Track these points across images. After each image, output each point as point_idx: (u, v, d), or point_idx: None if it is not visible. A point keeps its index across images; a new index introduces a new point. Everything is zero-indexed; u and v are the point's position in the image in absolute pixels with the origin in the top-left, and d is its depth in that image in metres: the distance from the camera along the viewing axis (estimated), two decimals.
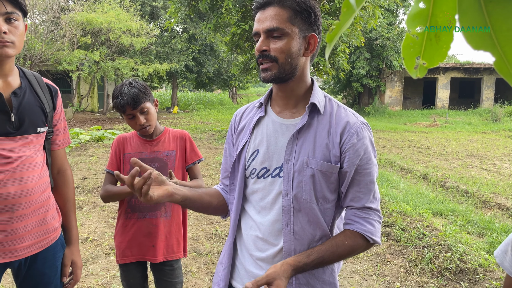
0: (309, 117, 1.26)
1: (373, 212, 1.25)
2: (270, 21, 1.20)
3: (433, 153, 9.97)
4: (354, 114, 1.29)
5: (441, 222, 4.71)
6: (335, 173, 1.23)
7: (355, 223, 1.24)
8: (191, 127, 14.89)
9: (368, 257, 3.78)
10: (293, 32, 1.20)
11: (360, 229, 1.23)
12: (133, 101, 1.89)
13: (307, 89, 1.31)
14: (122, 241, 2.03)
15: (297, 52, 1.22)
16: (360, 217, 1.24)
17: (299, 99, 1.30)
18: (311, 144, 1.24)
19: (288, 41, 1.20)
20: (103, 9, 16.52)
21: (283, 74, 1.22)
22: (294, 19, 1.20)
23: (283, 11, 1.20)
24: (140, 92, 1.92)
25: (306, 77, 1.30)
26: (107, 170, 2.05)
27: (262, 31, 1.22)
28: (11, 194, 1.44)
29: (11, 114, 1.44)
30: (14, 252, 1.49)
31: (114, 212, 5.01)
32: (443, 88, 23.15)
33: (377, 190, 1.27)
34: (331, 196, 1.25)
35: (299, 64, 1.24)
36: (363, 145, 1.22)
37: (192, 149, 2.11)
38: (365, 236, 1.23)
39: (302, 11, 1.21)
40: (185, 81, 28.53)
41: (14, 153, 1.45)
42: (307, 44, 1.24)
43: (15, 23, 1.41)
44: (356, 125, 1.24)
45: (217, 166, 7.98)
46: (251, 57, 11.75)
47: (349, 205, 1.26)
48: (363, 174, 1.23)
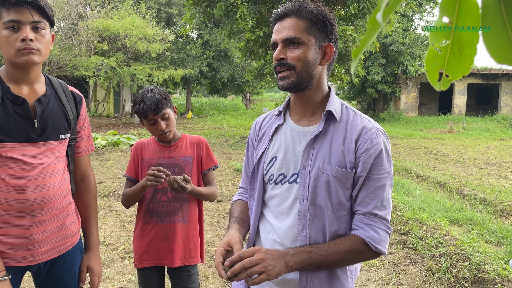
0: (325, 124, 1.29)
1: (380, 220, 1.23)
2: (288, 31, 1.25)
3: (450, 160, 9.83)
4: (371, 121, 1.30)
5: (458, 231, 4.63)
6: (350, 179, 1.24)
7: (360, 228, 1.23)
8: (205, 132, 14.97)
9: (383, 265, 3.74)
10: (309, 41, 1.24)
11: (363, 235, 1.22)
12: (155, 106, 1.92)
13: (324, 97, 1.34)
14: (140, 246, 2.05)
15: (314, 60, 1.26)
16: (365, 223, 1.23)
17: (316, 107, 1.33)
18: (327, 151, 1.26)
19: (305, 49, 1.24)
20: (120, 16, 16.82)
21: (300, 82, 1.26)
22: (310, 29, 1.25)
23: (300, 21, 1.25)
24: (162, 98, 1.95)
25: (323, 86, 1.33)
26: (126, 176, 2.09)
27: (279, 40, 1.26)
28: (32, 201, 1.47)
29: (35, 120, 1.48)
30: (33, 256, 1.52)
31: (130, 216, 5.07)
32: (460, 94, 22.84)
33: (387, 198, 1.26)
34: (347, 203, 1.26)
35: (316, 72, 1.28)
36: (377, 150, 1.23)
37: (208, 155, 2.13)
38: (368, 244, 1.22)
39: (319, 21, 1.25)
40: (199, 86, 28.74)
41: (36, 160, 1.48)
42: (323, 53, 1.28)
43: (41, 32, 1.46)
44: (371, 131, 1.25)
45: (230, 171, 8.01)
46: (265, 62, 11.79)
47: (356, 210, 1.26)
48: (373, 179, 1.23)
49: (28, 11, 1.41)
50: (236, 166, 8.17)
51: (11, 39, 1.40)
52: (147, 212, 2.04)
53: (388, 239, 1.25)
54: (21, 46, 1.40)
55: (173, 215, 2.03)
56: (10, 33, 1.40)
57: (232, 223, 1.42)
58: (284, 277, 1.30)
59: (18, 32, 1.40)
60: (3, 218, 1.44)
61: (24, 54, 1.41)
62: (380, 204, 1.23)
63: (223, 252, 1.26)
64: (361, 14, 10.05)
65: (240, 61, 18.57)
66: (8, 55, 1.43)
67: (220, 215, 5.24)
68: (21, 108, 1.46)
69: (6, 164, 1.43)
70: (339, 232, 1.27)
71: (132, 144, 11.17)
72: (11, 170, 1.44)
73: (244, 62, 21.66)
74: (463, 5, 0.45)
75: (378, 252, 1.24)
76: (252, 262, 1.14)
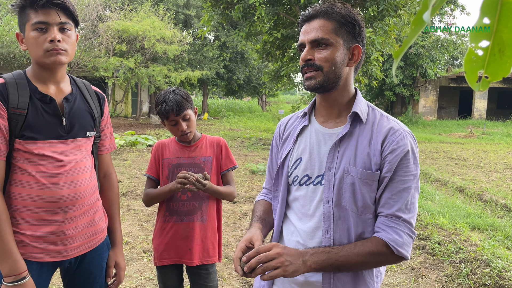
0: (351, 126, 1.28)
1: (403, 223, 1.20)
2: (315, 32, 1.25)
3: (470, 165, 9.64)
4: (398, 122, 1.29)
5: (479, 237, 4.54)
6: (376, 180, 1.22)
7: (382, 230, 1.21)
8: (221, 133, 15.04)
9: (402, 270, 3.69)
10: (337, 42, 1.24)
11: (386, 237, 1.19)
12: (177, 108, 1.95)
13: (350, 99, 1.33)
14: (160, 244, 2.08)
15: (341, 62, 1.25)
16: (388, 225, 1.21)
17: (342, 108, 1.33)
18: (352, 153, 1.25)
19: (333, 51, 1.24)
20: (139, 17, 17.03)
21: (327, 83, 1.26)
22: (338, 31, 1.25)
23: (328, 22, 1.25)
24: (183, 99, 1.98)
25: (349, 87, 1.32)
26: (147, 175, 2.12)
27: (307, 41, 1.27)
28: (65, 197, 1.51)
29: (63, 118, 1.52)
30: (65, 252, 1.55)
31: (148, 215, 5.13)
32: (480, 98, 22.40)
33: (412, 201, 1.22)
34: (372, 205, 1.25)
35: (343, 73, 1.27)
36: (403, 151, 1.21)
37: (227, 155, 2.15)
38: (390, 246, 1.19)
39: (347, 23, 1.25)
40: (216, 88, 28.91)
41: (66, 156, 1.52)
42: (351, 54, 1.28)
43: (68, 33, 1.49)
44: (398, 132, 1.24)
45: (247, 173, 8.03)
46: (282, 64, 11.79)
47: (379, 212, 1.23)
48: (397, 181, 1.21)
49: (55, 13, 1.44)
50: (252, 168, 8.18)
51: (39, 40, 1.44)
52: (167, 210, 2.07)
53: (411, 244, 1.22)
54: (49, 47, 1.44)
55: (192, 214, 2.05)
56: (38, 34, 1.44)
57: (255, 222, 1.42)
58: (307, 279, 1.30)
59: (46, 33, 1.44)
60: (37, 215, 1.48)
61: (52, 54, 1.45)
62: (404, 207, 1.21)
63: (244, 248, 1.25)
64: (380, 16, 9.96)
65: (257, 63, 18.61)
66: (36, 56, 1.46)
67: (236, 216, 5.26)
68: (50, 106, 1.50)
69: (38, 161, 1.47)
70: (365, 235, 1.25)
71: (149, 145, 11.30)
72: (43, 167, 1.47)
73: (260, 64, 21.70)
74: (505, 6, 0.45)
75: (401, 256, 1.20)
76: (268, 256, 1.13)
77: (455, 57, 31.50)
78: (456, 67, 31.18)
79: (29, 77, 1.52)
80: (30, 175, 1.46)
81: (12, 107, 1.43)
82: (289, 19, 10.87)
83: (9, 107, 1.42)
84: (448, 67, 23.25)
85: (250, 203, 5.90)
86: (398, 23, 10.56)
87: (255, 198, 6.18)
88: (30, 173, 1.46)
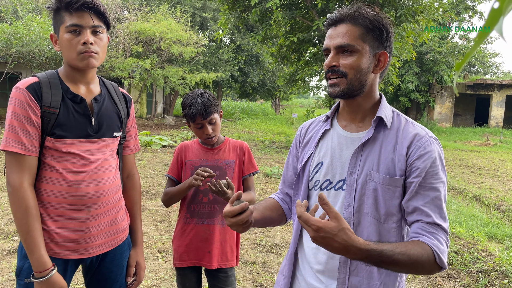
0: (375, 131, 1.25)
1: (442, 231, 1.14)
2: (341, 38, 1.22)
3: (486, 173, 9.48)
4: (424, 129, 1.25)
5: (496, 247, 4.46)
6: (399, 187, 1.19)
7: (422, 236, 1.13)
8: (234, 136, 15.07)
9: (417, 279, 3.65)
10: (363, 49, 1.21)
11: (429, 241, 1.11)
12: (205, 111, 1.96)
13: (374, 104, 1.30)
14: (180, 245, 2.09)
15: (367, 69, 1.23)
16: (428, 231, 1.14)
17: (366, 113, 1.30)
18: (375, 158, 1.22)
19: (358, 57, 1.21)
20: (156, 19, 17.21)
21: (351, 90, 1.23)
22: (365, 37, 1.21)
23: (355, 28, 1.21)
24: (210, 103, 1.99)
25: (374, 93, 1.30)
26: (168, 176, 2.13)
27: (332, 47, 1.24)
28: (89, 194, 1.53)
29: (92, 118, 1.55)
30: (88, 249, 1.58)
31: (162, 215, 5.16)
32: (497, 105, 22.03)
33: (445, 210, 1.19)
34: (397, 214, 1.21)
35: (368, 80, 1.25)
36: (430, 158, 1.17)
37: (250, 160, 2.15)
38: (432, 251, 1.10)
39: (374, 28, 1.22)
40: (230, 90, 29.00)
41: (93, 155, 1.55)
42: (377, 61, 1.25)
43: (100, 35, 1.52)
44: (424, 138, 1.21)
45: (260, 176, 8.02)
46: (297, 68, 11.77)
47: (416, 220, 1.17)
48: (429, 189, 1.16)
49: (89, 16, 1.47)
50: (266, 171, 8.18)
51: (73, 43, 1.47)
52: (188, 212, 2.08)
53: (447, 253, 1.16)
54: (82, 49, 1.47)
55: (213, 217, 2.06)
56: (72, 36, 1.47)
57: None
58: (326, 265, 1.29)
59: (80, 36, 1.47)
60: (61, 211, 1.51)
61: (84, 58, 1.48)
62: (439, 215, 1.16)
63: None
64: (397, 21, 9.88)
65: (272, 67, 18.61)
66: (70, 58, 1.50)
67: None
68: (80, 106, 1.53)
69: (66, 159, 1.50)
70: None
71: (164, 145, 11.38)
72: (70, 164, 1.50)
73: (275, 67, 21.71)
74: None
75: (439, 265, 1.11)
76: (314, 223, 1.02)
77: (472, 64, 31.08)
78: (473, 74, 30.76)
79: (61, 77, 1.55)
80: (57, 172, 1.49)
81: (45, 105, 1.46)
82: (306, 23, 10.86)
83: (42, 106, 1.46)
84: (465, 74, 22.92)
85: None
86: (416, 28, 10.46)
87: None
88: (57, 170, 1.49)
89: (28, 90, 1.44)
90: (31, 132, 1.44)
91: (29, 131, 1.43)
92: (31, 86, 1.46)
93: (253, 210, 1.27)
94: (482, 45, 22.43)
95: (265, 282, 3.45)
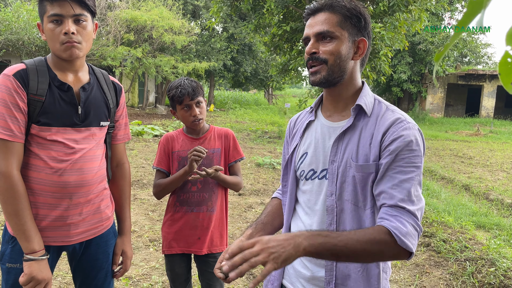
0: (355, 119, 1.26)
1: (407, 213, 1.11)
2: (320, 25, 1.24)
3: (476, 163, 9.60)
4: (403, 115, 1.24)
5: (484, 236, 4.54)
6: (373, 172, 1.19)
7: (384, 220, 1.12)
8: (227, 125, 15.05)
9: (406, 267, 3.71)
10: (342, 35, 1.23)
11: (388, 224, 1.10)
12: (192, 91, 1.99)
13: (356, 92, 1.31)
14: (169, 233, 2.11)
15: (346, 55, 1.24)
16: (391, 214, 1.12)
17: (348, 102, 1.31)
18: (355, 146, 1.23)
19: (338, 44, 1.23)
20: (147, 7, 16.99)
21: (332, 77, 1.25)
22: (344, 24, 1.24)
23: (333, 15, 1.24)
24: (198, 85, 2.04)
25: (355, 81, 1.31)
26: (156, 168, 2.13)
27: (312, 35, 1.26)
28: (70, 183, 1.53)
29: (79, 106, 1.54)
30: (68, 237, 1.59)
31: (154, 205, 5.17)
32: (488, 96, 22.21)
33: (416, 194, 1.15)
34: (372, 199, 1.21)
35: (348, 67, 1.26)
36: (403, 141, 1.16)
37: (235, 147, 2.18)
38: (392, 234, 1.09)
39: (352, 16, 1.25)
40: (222, 79, 28.87)
41: (78, 144, 1.55)
42: (356, 48, 1.27)
43: (83, 24, 1.50)
44: (401, 123, 1.20)
45: (252, 166, 8.04)
46: (290, 58, 11.73)
47: (382, 203, 1.15)
48: (397, 172, 1.15)
49: (69, 5, 1.46)
50: (258, 161, 8.19)
51: (55, 32, 1.47)
52: (177, 201, 2.09)
53: (417, 237, 1.12)
54: (64, 39, 1.46)
55: (202, 205, 2.08)
56: (54, 26, 1.46)
57: (249, 227, 1.44)
58: (313, 274, 1.30)
59: (61, 25, 1.46)
60: (44, 198, 1.52)
61: (67, 48, 1.47)
62: (407, 198, 1.13)
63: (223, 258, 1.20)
64: (390, 11, 9.85)
65: (265, 56, 18.54)
66: (54, 48, 1.50)
67: (241, 208, 5.28)
68: (67, 94, 1.52)
69: (50, 146, 1.50)
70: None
71: (156, 135, 11.33)
72: (54, 152, 1.50)
73: (268, 57, 21.62)
74: None
75: (405, 248, 1.09)
76: (253, 253, 1.01)
77: (465, 54, 31.22)
78: (465, 64, 30.91)
79: (49, 64, 1.54)
80: (41, 159, 1.49)
81: (31, 93, 1.46)
82: (298, 12, 10.79)
83: (29, 93, 1.45)
84: (457, 64, 23.00)
85: (256, 196, 5.93)
86: (409, 18, 10.45)
87: (260, 191, 6.20)
88: (42, 158, 1.49)
89: (15, 77, 1.44)
90: (18, 119, 1.44)
91: (17, 118, 1.43)
92: (18, 73, 1.45)
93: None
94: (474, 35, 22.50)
95: (255, 269, 3.48)
